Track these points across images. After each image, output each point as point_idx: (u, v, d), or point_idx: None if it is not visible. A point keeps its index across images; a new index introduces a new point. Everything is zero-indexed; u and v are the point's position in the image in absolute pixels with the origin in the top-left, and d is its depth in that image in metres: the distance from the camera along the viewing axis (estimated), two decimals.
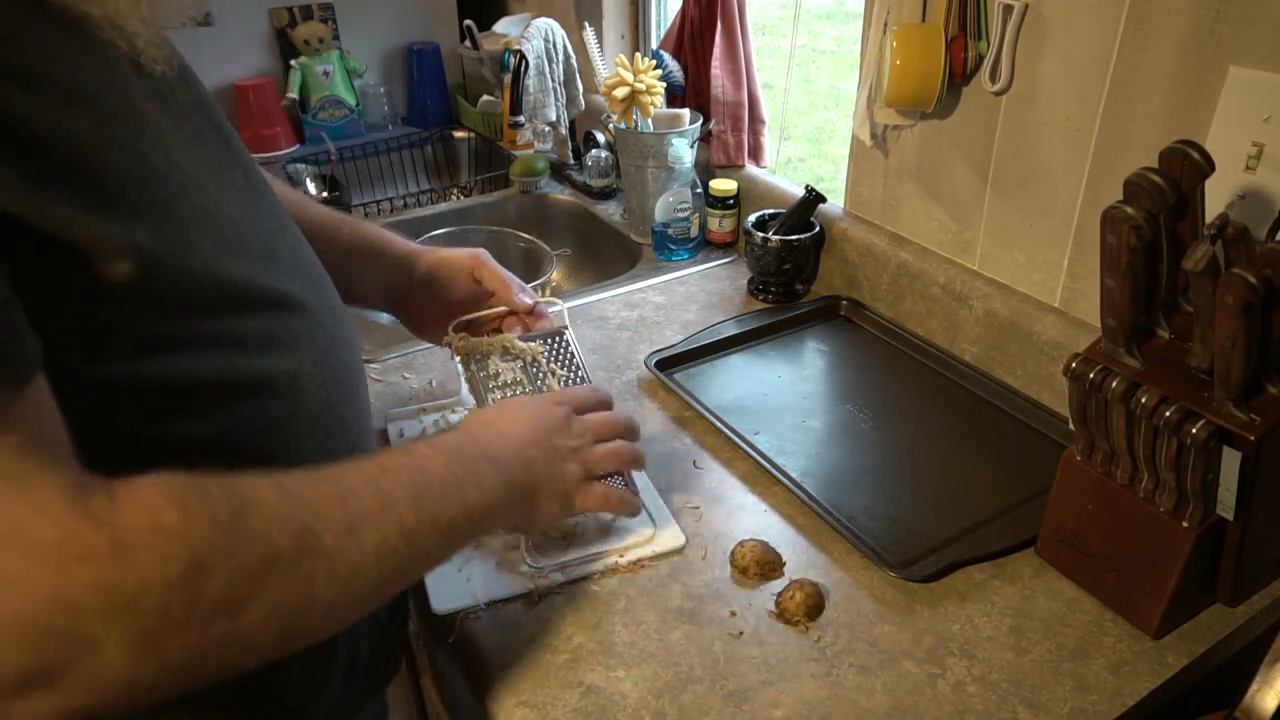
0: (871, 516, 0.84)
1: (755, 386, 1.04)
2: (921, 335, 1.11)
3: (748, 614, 0.74)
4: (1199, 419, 0.62)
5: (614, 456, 0.72)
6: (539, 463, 0.66)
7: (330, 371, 0.58)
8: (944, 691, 0.67)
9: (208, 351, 0.50)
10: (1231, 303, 0.58)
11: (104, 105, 0.44)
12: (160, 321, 0.47)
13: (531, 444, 0.66)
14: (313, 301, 0.58)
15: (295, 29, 1.83)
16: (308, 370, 0.56)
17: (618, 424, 0.75)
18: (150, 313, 0.46)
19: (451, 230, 1.47)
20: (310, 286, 0.59)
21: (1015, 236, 1.00)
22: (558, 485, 0.67)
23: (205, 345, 0.49)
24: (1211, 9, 0.75)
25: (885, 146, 1.13)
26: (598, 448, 0.72)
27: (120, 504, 0.39)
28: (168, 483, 0.41)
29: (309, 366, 0.56)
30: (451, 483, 0.56)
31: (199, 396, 0.50)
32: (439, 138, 1.95)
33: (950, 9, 0.95)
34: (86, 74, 0.44)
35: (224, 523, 0.41)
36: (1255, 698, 0.59)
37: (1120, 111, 0.85)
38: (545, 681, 0.68)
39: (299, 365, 0.55)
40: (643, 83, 1.31)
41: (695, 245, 1.35)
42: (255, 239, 0.54)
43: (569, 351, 0.86)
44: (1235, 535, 0.68)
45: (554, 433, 0.68)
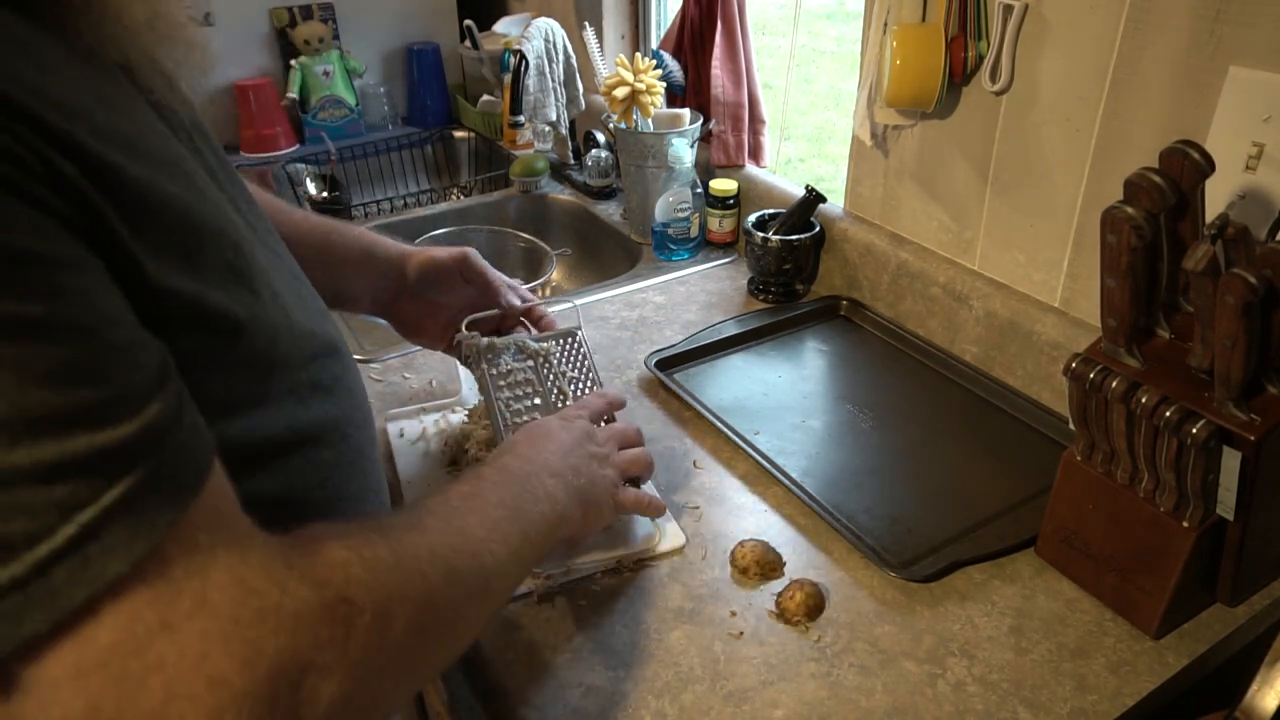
0: (872, 516, 0.84)
1: (755, 386, 1.04)
2: (921, 335, 1.11)
3: (748, 614, 0.74)
4: (1199, 419, 0.62)
5: (639, 462, 0.76)
6: (584, 469, 0.69)
7: (360, 411, 0.59)
8: (944, 691, 0.67)
9: (279, 406, 0.50)
10: (1231, 303, 0.58)
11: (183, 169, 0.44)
12: (250, 382, 0.47)
13: (572, 453, 0.69)
14: (340, 340, 0.59)
15: (295, 29, 1.83)
16: (348, 414, 0.57)
17: (629, 433, 0.78)
18: (243, 374, 0.47)
19: (451, 230, 1.47)
20: (331, 324, 0.59)
21: (1015, 236, 1.00)
22: (602, 489, 0.70)
23: (278, 400, 0.50)
24: (1211, 9, 0.75)
25: (885, 146, 1.13)
26: (624, 453, 0.76)
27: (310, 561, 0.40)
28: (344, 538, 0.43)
29: (349, 410, 0.57)
30: (528, 500, 0.61)
31: (268, 453, 0.49)
32: (439, 138, 1.95)
33: (950, 9, 0.95)
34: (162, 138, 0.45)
35: (395, 567, 0.44)
36: (1255, 698, 0.59)
37: (1120, 111, 0.85)
38: (545, 681, 0.68)
39: (341, 410, 0.56)
40: (643, 83, 1.31)
41: (695, 245, 1.35)
42: (292, 283, 0.55)
43: (580, 353, 0.87)
44: (1235, 535, 0.68)
45: (584, 441, 0.72)
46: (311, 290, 0.60)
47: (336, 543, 0.42)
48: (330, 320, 0.60)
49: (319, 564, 0.40)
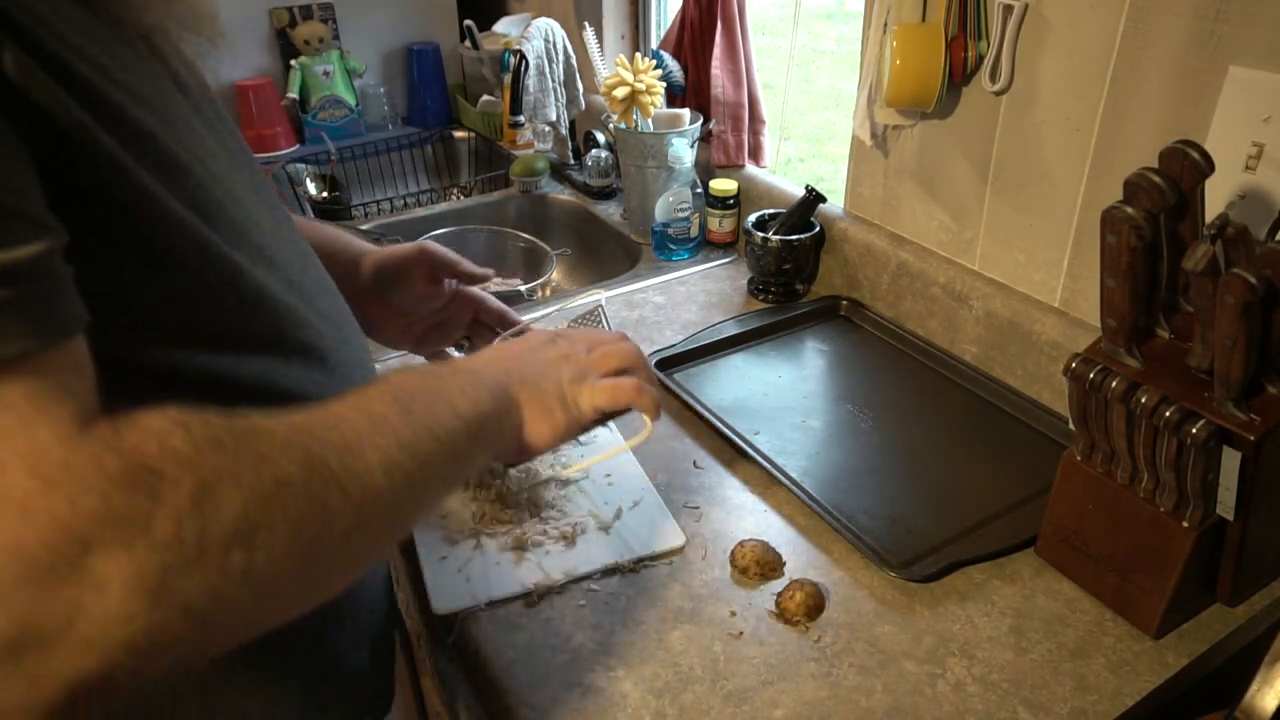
0: (871, 516, 0.84)
1: (755, 386, 1.04)
2: (921, 335, 1.11)
3: (748, 614, 0.74)
4: (1199, 419, 0.62)
5: (613, 355, 0.65)
6: (522, 370, 0.61)
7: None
8: (944, 691, 0.67)
9: (247, 357, 0.50)
10: (1231, 303, 0.58)
11: (163, 109, 0.46)
12: (203, 323, 0.47)
13: (509, 358, 0.63)
14: (333, 336, 0.58)
15: (295, 29, 1.83)
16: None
17: (612, 338, 0.68)
18: (200, 311, 0.46)
19: (451, 230, 1.47)
20: (331, 316, 0.59)
21: (1015, 236, 1.00)
22: (550, 388, 0.62)
23: (241, 349, 0.50)
24: (1211, 9, 0.75)
25: (885, 146, 1.13)
26: (594, 351, 0.65)
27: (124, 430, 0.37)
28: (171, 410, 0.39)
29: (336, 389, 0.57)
30: (434, 395, 0.53)
31: (234, 395, 0.49)
32: (439, 138, 1.95)
33: (950, 9, 0.95)
34: (147, 80, 0.46)
35: (229, 446, 0.39)
36: (1255, 698, 0.59)
37: (1120, 111, 0.85)
38: (545, 681, 0.68)
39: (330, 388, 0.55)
40: (643, 83, 1.31)
41: (695, 245, 1.35)
42: (286, 260, 0.55)
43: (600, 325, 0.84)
44: (1235, 535, 0.68)
45: (536, 348, 0.64)
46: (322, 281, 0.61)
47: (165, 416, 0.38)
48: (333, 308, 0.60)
49: (134, 431, 0.37)
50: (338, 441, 0.45)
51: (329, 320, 0.59)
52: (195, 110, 0.52)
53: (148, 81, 0.47)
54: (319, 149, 1.79)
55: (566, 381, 0.62)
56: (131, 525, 0.34)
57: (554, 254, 1.43)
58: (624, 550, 0.79)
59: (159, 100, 0.47)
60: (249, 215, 0.52)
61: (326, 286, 0.62)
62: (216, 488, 0.37)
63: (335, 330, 0.59)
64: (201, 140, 0.50)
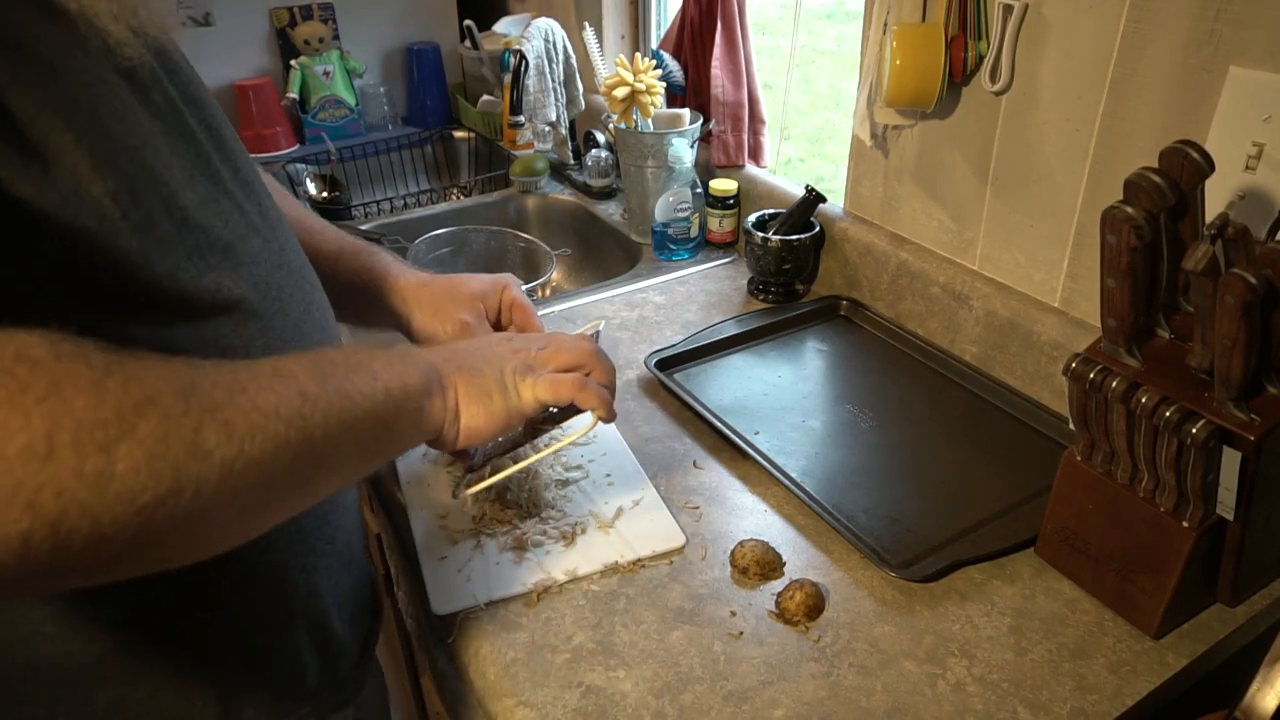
0: (871, 516, 0.84)
1: (755, 386, 1.04)
2: (921, 335, 1.11)
3: (748, 614, 0.74)
4: (1199, 419, 0.62)
5: (566, 350, 0.64)
6: (463, 356, 0.61)
7: None
8: (944, 691, 0.67)
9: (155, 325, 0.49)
10: (1231, 303, 0.58)
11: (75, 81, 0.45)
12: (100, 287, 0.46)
13: (454, 349, 0.62)
14: (271, 306, 0.56)
15: (295, 29, 1.83)
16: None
17: (575, 340, 0.66)
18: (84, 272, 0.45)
19: (451, 230, 1.47)
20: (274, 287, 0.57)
21: (1015, 236, 1.00)
22: (490, 374, 0.61)
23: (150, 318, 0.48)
24: (1211, 9, 0.75)
25: (885, 146, 1.13)
26: (545, 348, 0.65)
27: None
28: (44, 330, 0.38)
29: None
30: (355, 363, 0.53)
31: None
32: (439, 138, 1.95)
33: (950, 9, 0.95)
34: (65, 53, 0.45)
35: (97, 364, 0.39)
36: (1255, 698, 0.59)
37: (1120, 111, 0.85)
38: (545, 681, 0.68)
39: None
40: (643, 83, 1.31)
41: (695, 245, 1.35)
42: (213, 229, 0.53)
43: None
44: (1235, 535, 0.68)
45: (488, 344, 0.64)
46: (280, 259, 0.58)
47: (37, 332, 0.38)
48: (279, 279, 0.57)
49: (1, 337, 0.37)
50: (228, 380, 0.44)
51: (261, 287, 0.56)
52: (142, 97, 0.50)
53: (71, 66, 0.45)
54: (319, 149, 1.79)
55: (509, 371, 0.61)
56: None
57: (554, 254, 1.43)
58: (624, 550, 0.79)
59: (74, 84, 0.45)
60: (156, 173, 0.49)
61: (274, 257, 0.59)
62: (71, 393, 0.37)
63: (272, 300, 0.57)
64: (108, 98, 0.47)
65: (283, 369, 0.48)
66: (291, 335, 0.58)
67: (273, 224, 0.60)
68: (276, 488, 0.46)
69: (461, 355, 0.62)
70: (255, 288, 0.55)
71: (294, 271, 0.61)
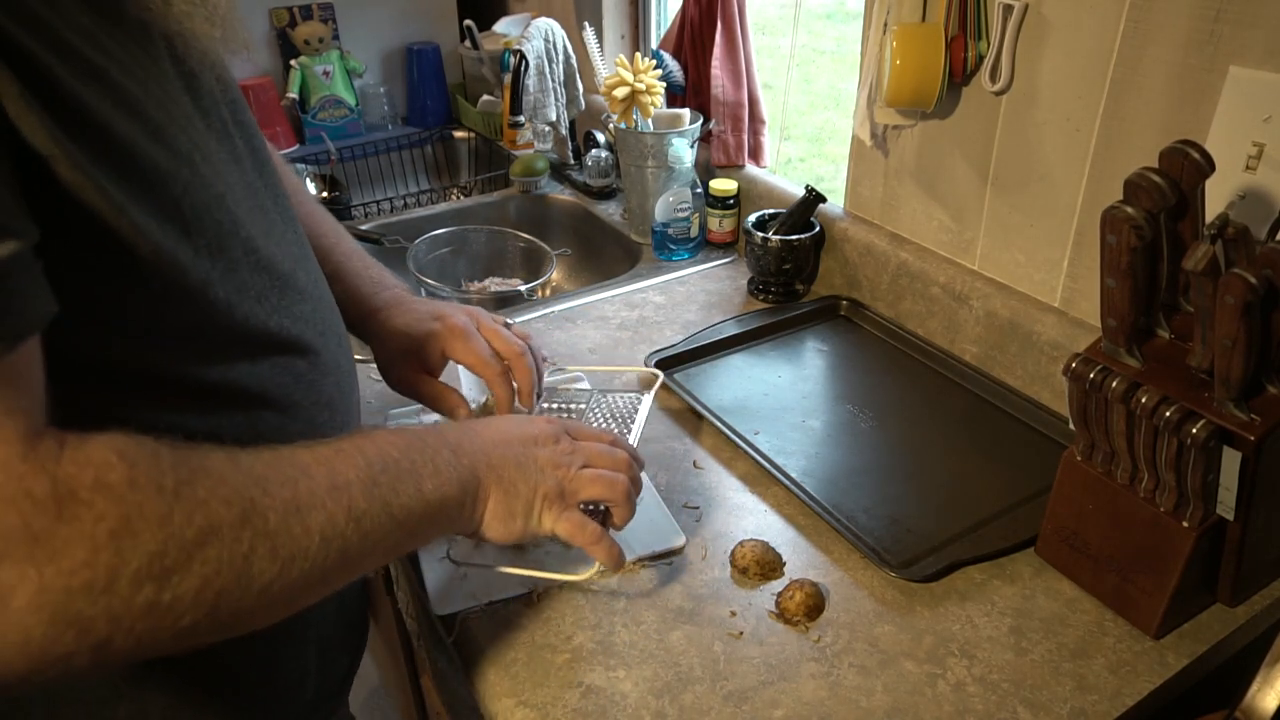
0: (871, 516, 0.84)
1: (755, 386, 1.04)
2: (921, 335, 1.11)
3: (748, 614, 0.74)
4: (1199, 419, 0.62)
5: (602, 482, 0.64)
6: (506, 466, 0.60)
7: (326, 407, 0.59)
8: (944, 691, 0.67)
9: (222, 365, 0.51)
10: (1232, 303, 0.58)
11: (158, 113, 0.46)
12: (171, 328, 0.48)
13: (502, 445, 0.61)
14: (318, 342, 0.58)
15: (295, 29, 1.83)
16: (306, 404, 0.57)
17: (617, 458, 0.66)
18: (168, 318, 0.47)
19: (451, 230, 1.47)
20: (319, 322, 0.59)
21: (1015, 236, 1.00)
22: (523, 492, 0.61)
23: (211, 356, 0.50)
24: (1211, 9, 0.75)
25: (885, 146, 1.13)
26: (585, 471, 0.64)
27: (67, 454, 0.38)
28: (121, 441, 0.40)
29: (309, 401, 0.57)
30: (407, 469, 0.53)
31: (205, 399, 0.50)
32: (439, 138, 1.95)
33: (950, 9, 0.95)
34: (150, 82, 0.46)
35: (169, 489, 0.40)
36: (1255, 698, 0.59)
37: (1120, 111, 0.85)
38: (545, 681, 0.68)
39: (300, 398, 0.56)
40: (643, 83, 1.31)
41: (695, 245, 1.35)
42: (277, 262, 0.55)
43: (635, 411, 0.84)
44: (1235, 535, 0.68)
45: (533, 443, 0.63)
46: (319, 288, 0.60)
47: (112, 445, 0.39)
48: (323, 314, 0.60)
49: (76, 457, 0.38)
50: (288, 499, 0.45)
51: (312, 324, 0.58)
52: (202, 113, 0.52)
53: (150, 83, 0.47)
54: (319, 149, 1.79)
55: (541, 495, 0.61)
56: (46, 548, 0.36)
57: (554, 254, 1.43)
58: (624, 550, 0.78)
59: (156, 104, 0.46)
60: (237, 218, 0.52)
61: (317, 288, 0.61)
62: (140, 527, 0.39)
63: (318, 335, 0.59)
64: (199, 143, 0.50)
65: (339, 478, 0.49)
66: (331, 369, 0.60)
67: (307, 251, 0.61)
68: (304, 595, 0.48)
69: (507, 461, 0.61)
70: (309, 326, 0.57)
71: (329, 304, 0.62)
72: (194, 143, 0.49)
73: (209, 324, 0.49)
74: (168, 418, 0.48)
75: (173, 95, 0.49)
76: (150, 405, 0.48)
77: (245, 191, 0.54)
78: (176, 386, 0.49)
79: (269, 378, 0.54)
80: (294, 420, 0.56)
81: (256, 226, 0.54)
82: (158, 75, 0.48)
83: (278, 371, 0.55)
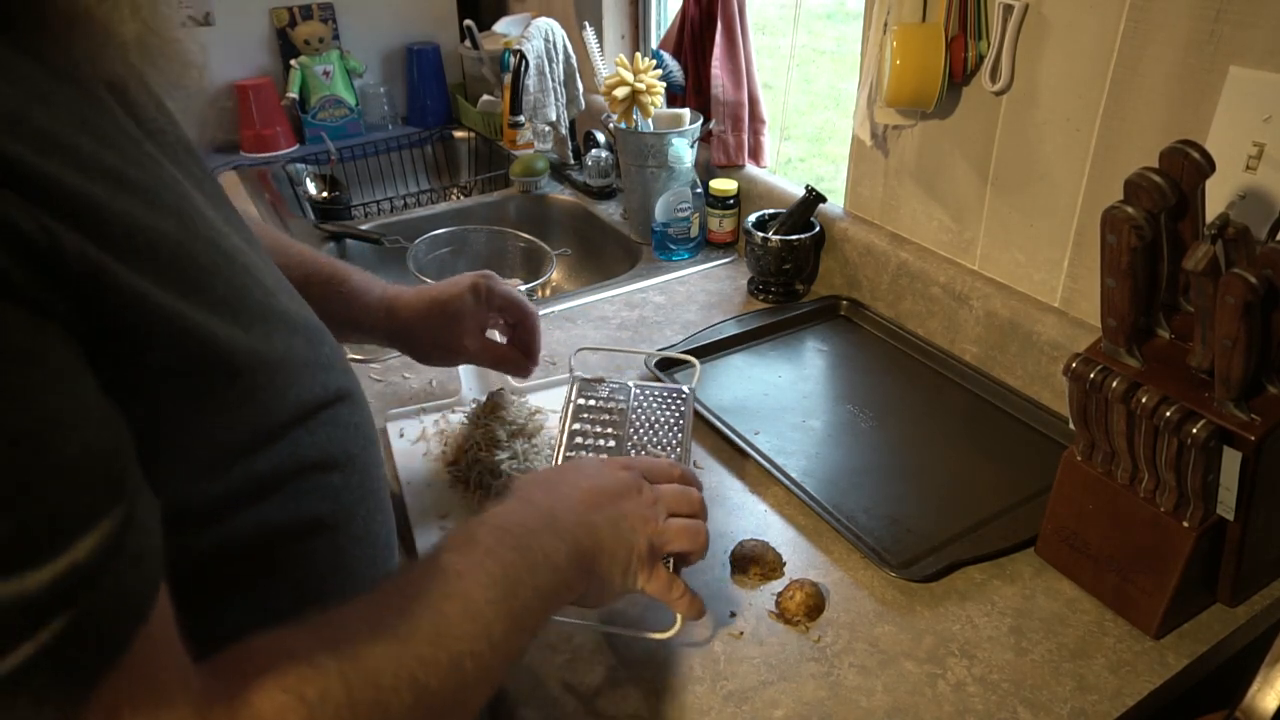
0: (871, 516, 0.84)
1: (755, 386, 1.04)
2: (921, 335, 1.11)
3: (748, 614, 0.74)
4: (1199, 419, 0.62)
5: (686, 534, 0.63)
6: (604, 529, 0.58)
7: (368, 440, 0.56)
8: (944, 691, 0.67)
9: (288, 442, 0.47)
10: (1232, 303, 0.58)
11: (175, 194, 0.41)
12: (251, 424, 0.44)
13: (594, 507, 0.59)
14: (355, 386, 0.55)
15: (295, 29, 1.83)
16: (358, 448, 0.54)
17: (693, 500, 0.66)
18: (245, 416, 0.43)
19: (451, 230, 1.47)
20: (338, 355, 0.55)
21: (1015, 236, 1.00)
22: (621, 556, 0.59)
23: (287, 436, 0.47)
24: (1211, 9, 0.75)
25: (885, 146, 1.13)
26: (672, 522, 0.63)
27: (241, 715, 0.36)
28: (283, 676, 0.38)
29: (359, 444, 0.54)
30: (526, 573, 0.52)
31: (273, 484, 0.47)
32: (439, 138, 1.95)
33: (950, 9, 0.95)
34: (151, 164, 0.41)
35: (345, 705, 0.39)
36: (1255, 698, 0.59)
37: (1120, 111, 0.85)
38: (545, 681, 0.68)
39: (351, 444, 0.53)
40: (643, 83, 1.31)
41: (695, 245, 1.35)
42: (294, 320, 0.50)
43: (681, 414, 0.82)
44: (1235, 535, 0.68)
45: (620, 497, 0.61)
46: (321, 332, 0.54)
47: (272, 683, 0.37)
48: (342, 363, 0.55)
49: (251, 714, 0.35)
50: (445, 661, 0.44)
51: (335, 360, 0.54)
52: (173, 159, 0.45)
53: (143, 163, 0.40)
54: (319, 149, 1.79)
55: (636, 557, 0.60)
56: None
57: (554, 254, 1.42)
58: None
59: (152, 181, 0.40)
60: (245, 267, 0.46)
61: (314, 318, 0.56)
62: None
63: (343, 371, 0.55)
64: (187, 197, 0.43)
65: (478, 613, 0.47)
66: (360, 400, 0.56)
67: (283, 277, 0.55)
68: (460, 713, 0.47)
69: (603, 529, 0.59)
70: (334, 365, 0.53)
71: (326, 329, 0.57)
72: (187, 203, 0.43)
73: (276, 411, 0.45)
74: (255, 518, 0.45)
75: (148, 155, 0.42)
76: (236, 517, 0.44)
77: (225, 225, 0.47)
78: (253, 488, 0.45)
79: (325, 440, 0.50)
80: (354, 472, 0.53)
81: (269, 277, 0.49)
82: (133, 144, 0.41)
83: (329, 426, 0.51)
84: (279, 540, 0.45)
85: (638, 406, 0.82)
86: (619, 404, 0.82)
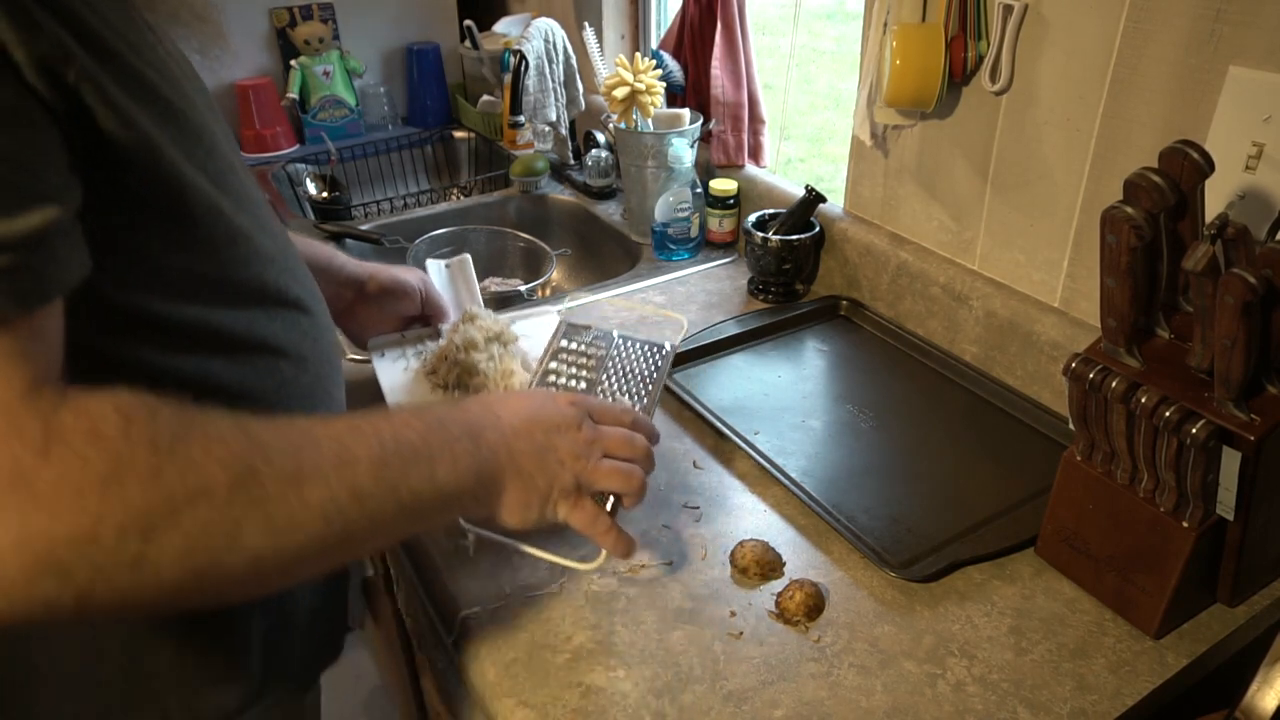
0: (871, 516, 0.84)
1: (755, 386, 1.04)
2: (921, 335, 1.11)
3: (748, 614, 0.74)
4: (1199, 419, 0.62)
5: (618, 475, 0.64)
6: (526, 456, 0.60)
7: (327, 360, 0.64)
8: (944, 692, 0.67)
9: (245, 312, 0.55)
10: (1231, 303, 0.58)
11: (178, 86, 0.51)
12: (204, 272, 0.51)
13: (524, 435, 0.60)
14: (313, 304, 0.64)
15: (295, 29, 1.83)
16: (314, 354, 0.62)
17: (635, 445, 0.66)
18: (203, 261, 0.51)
19: (451, 230, 1.47)
20: (310, 284, 0.65)
21: (1015, 236, 1.00)
22: (540, 485, 0.61)
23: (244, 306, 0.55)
24: (1211, 9, 0.75)
25: (885, 146, 1.13)
26: (604, 462, 0.64)
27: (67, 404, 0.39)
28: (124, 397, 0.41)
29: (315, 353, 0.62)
30: (424, 453, 0.53)
31: (220, 342, 0.53)
32: (439, 138, 1.95)
33: (950, 9, 0.95)
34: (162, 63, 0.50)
35: (162, 445, 0.41)
36: (1255, 698, 0.59)
37: (1120, 111, 0.85)
38: (545, 681, 0.68)
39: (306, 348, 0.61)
40: (643, 83, 1.31)
41: (695, 245, 1.35)
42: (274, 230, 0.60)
43: (656, 367, 0.81)
44: (1235, 535, 0.68)
45: (555, 430, 0.62)
46: (297, 262, 0.64)
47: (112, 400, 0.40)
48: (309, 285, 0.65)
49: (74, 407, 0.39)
50: (290, 469, 0.45)
51: (305, 287, 0.63)
52: (181, 73, 0.55)
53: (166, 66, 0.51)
54: (319, 149, 1.79)
55: (558, 488, 0.62)
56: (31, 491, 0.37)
57: (554, 254, 1.42)
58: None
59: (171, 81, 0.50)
60: (245, 188, 0.57)
61: (297, 255, 0.66)
62: (129, 480, 0.39)
63: (313, 298, 0.64)
64: (206, 120, 0.54)
65: (348, 454, 0.49)
66: (325, 329, 0.65)
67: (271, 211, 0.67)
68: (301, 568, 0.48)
69: (528, 454, 0.60)
70: (304, 288, 0.63)
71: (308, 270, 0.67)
72: (202, 117, 0.53)
73: (237, 277, 0.53)
74: (201, 366, 0.52)
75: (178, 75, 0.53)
76: (183, 354, 0.51)
77: (243, 169, 0.59)
78: (208, 337, 0.52)
79: (281, 331, 0.58)
80: (305, 372, 0.60)
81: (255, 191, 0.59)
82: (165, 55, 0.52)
83: (288, 327, 0.59)
84: (223, 399, 0.47)
85: (617, 355, 0.82)
86: (599, 351, 0.83)
